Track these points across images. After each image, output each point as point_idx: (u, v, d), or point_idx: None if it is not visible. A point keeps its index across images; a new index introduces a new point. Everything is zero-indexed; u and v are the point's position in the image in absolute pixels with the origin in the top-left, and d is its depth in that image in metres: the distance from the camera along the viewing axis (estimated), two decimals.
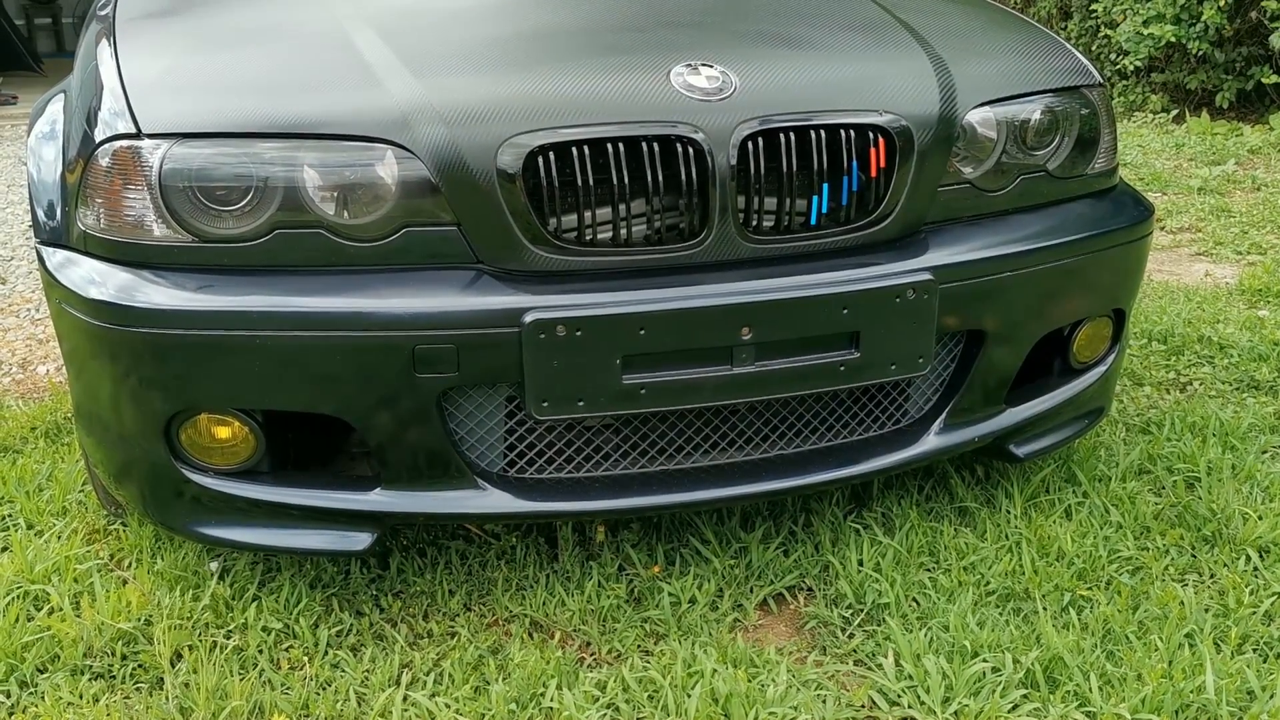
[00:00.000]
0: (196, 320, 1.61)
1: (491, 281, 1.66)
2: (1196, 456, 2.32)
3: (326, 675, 1.74)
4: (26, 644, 1.78)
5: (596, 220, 1.67)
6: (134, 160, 1.63)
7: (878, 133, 1.76)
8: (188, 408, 1.68)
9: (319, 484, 1.77)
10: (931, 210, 1.86)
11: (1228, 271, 3.82)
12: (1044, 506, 2.17)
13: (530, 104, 1.66)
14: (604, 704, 1.66)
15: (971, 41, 2.07)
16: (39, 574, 1.95)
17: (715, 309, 1.67)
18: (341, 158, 1.64)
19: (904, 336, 1.77)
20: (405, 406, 1.66)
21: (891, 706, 1.67)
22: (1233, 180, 5.10)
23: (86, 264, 1.70)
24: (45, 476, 2.34)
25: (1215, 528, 2.08)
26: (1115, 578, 1.94)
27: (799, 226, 1.76)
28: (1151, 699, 1.63)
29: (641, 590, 1.93)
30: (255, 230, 1.63)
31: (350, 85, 1.71)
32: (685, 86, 1.71)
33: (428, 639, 1.83)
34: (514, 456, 1.78)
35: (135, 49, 1.83)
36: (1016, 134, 1.93)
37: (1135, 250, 2.07)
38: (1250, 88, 6.49)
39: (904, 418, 1.96)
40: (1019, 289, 1.90)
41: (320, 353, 1.62)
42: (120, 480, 1.84)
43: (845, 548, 2.01)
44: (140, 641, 1.80)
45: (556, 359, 1.63)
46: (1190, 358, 2.93)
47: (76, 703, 1.68)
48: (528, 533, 2.08)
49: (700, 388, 1.70)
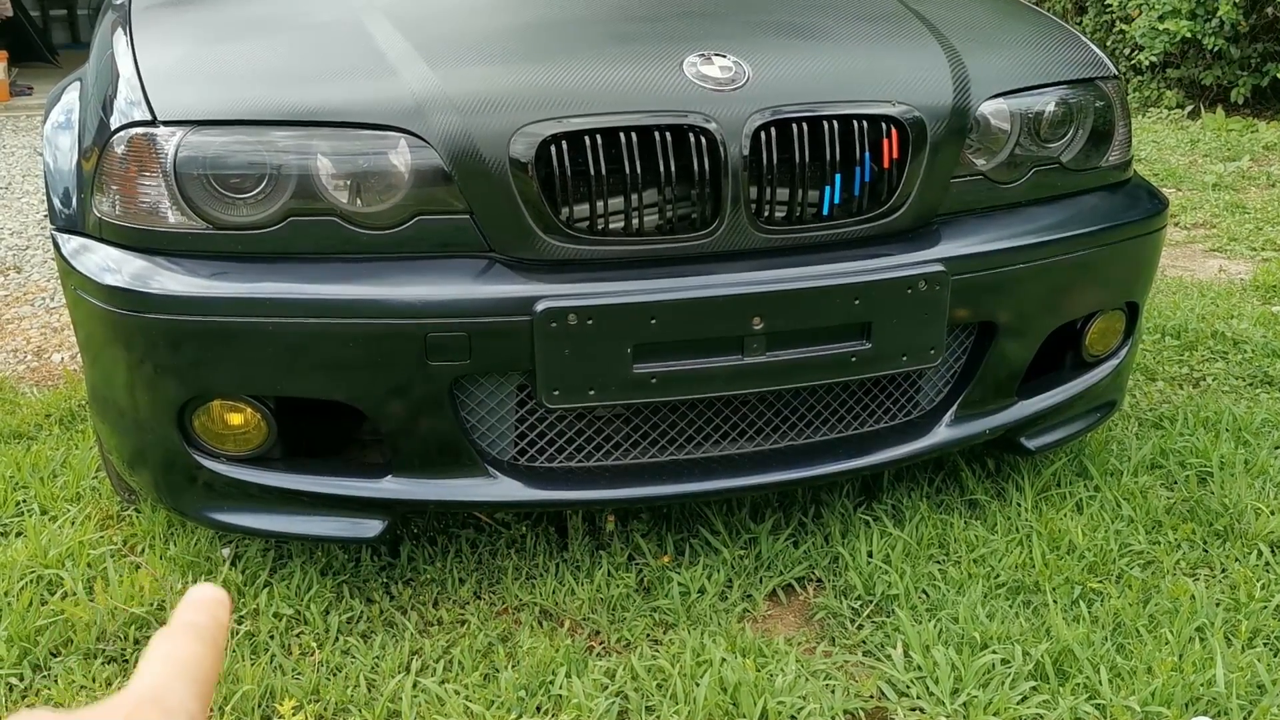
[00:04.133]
0: (210, 307, 1.61)
1: (503, 270, 1.66)
2: (1209, 451, 2.31)
3: (337, 661, 1.75)
4: (40, 628, 1.80)
5: (608, 209, 1.68)
6: (149, 148, 1.64)
7: (891, 123, 1.76)
8: (201, 394, 1.69)
9: (330, 471, 1.78)
10: (944, 202, 1.86)
11: (1242, 267, 3.80)
12: (1055, 500, 2.16)
13: (543, 93, 1.67)
14: (613, 692, 1.67)
15: (985, 33, 2.06)
16: (53, 559, 1.97)
17: (726, 299, 1.67)
18: (355, 146, 1.64)
19: (916, 328, 1.77)
20: (417, 394, 1.67)
21: (900, 697, 1.67)
22: (1247, 176, 5.07)
23: (101, 251, 1.71)
24: (59, 463, 2.35)
25: (1227, 522, 2.07)
26: (1126, 571, 1.94)
27: (811, 217, 1.76)
28: (1161, 692, 1.63)
29: (651, 580, 1.93)
30: (269, 218, 1.64)
31: (364, 74, 1.71)
32: (698, 76, 1.71)
33: (438, 626, 1.84)
34: (525, 445, 1.79)
35: (151, 38, 1.84)
36: (1030, 126, 1.92)
37: (1149, 243, 2.06)
38: (1266, 84, 6.45)
39: (915, 409, 1.96)
40: (1031, 281, 1.90)
41: (332, 340, 1.63)
42: (134, 466, 1.85)
43: (855, 539, 2.01)
44: (152, 626, 1.82)
45: (568, 348, 1.63)
46: (1204, 353, 2.92)
47: (89, 686, 1.69)
48: (538, 522, 2.08)
49: (711, 378, 1.71)
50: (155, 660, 0.42)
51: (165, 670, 0.42)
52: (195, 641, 0.43)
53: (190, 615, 0.45)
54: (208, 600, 0.46)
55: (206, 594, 0.46)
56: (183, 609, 0.45)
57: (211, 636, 0.44)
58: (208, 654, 0.43)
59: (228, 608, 0.46)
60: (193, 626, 0.44)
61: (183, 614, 0.45)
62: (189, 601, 0.46)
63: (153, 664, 0.42)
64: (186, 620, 0.45)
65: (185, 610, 0.45)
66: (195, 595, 0.46)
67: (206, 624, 0.45)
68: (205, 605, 0.46)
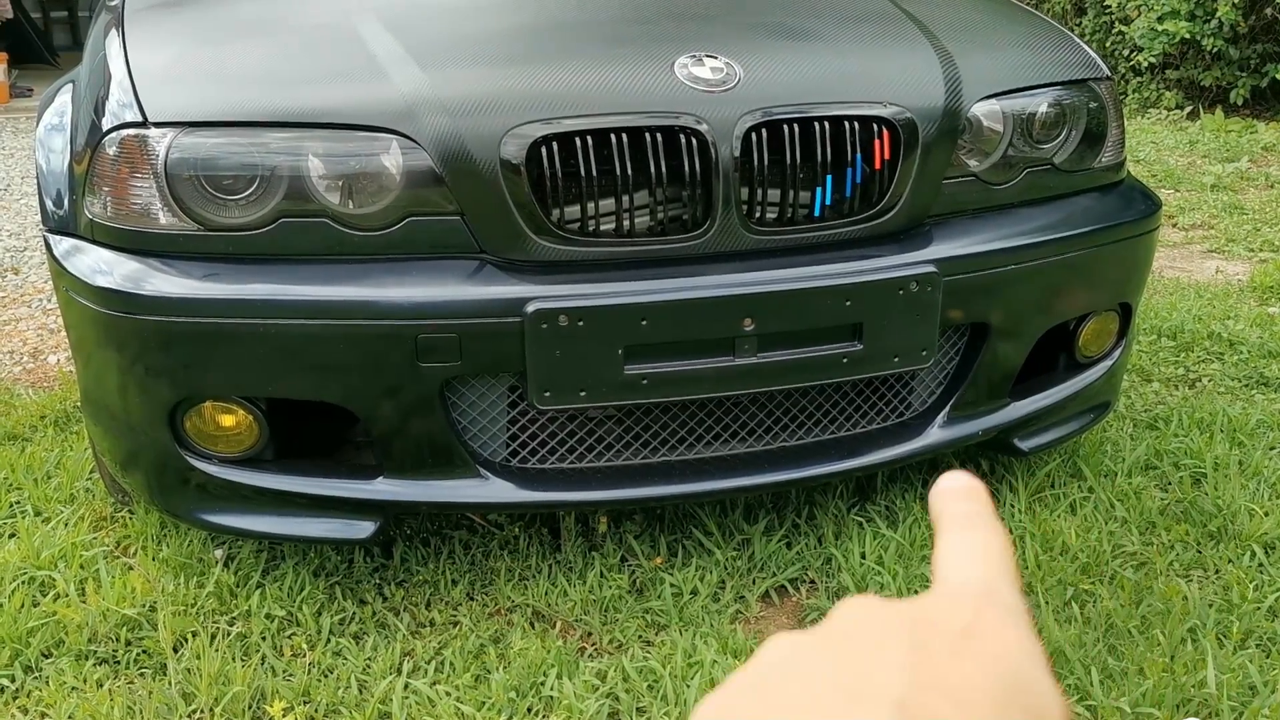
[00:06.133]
0: (201, 308, 1.61)
1: (494, 271, 1.66)
2: (1203, 452, 2.31)
3: (328, 663, 1.75)
4: (32, 629, 1.80)
5: (599, 211, 1.68)
6: (141, 149, 1.64)
7: (882, 125, 1.76)
8: (193, 395, 1.69)
9: (323, 472, 1.78)
10: (936, 203, 1.85)
11: (1239, 268, 3.80)
12: (1048, 501, 2.16)
13: (534, 95, 1.67)
14: (604, 693, 1.67)
15: (978, 34, 2.06)
16: (45, 560, 1.97)
17: (717, 300, 1.67)
18: (347, 148, 1.65)
19: (907, 329, 1.77)
20: (408, 395, 1.67)
21: None
22: (1246, 177, 5.07)
23: (93, 252, 1.71)
24: (53, 464, 2.35)
25: (1221, 523, 2.07)
26: (1119, 572, 1.94)
27: (802, 218, 1.76)
28: (1152, 693, 1.63)
29: (643, 581, 1.93)
30: (260, 219, 1.64)
31: (356, 76, 1.71)
32: (689, 78, 1.71)
33: (430, 628, 1.84)
34: (516, 446, 1.79)
35: (143, 40, 1.84)
36: (1023, 127, 1.92)
37: (1142, 244, 2.06)
38: (1265, 85, 6.45)
39: (908, 410, 1.96)
40: (1024, 282, 1.90)
41: (323, 341, 1.63)
42: (126, 468, 1.86)
43: (848, 540, 2.01)
44: (144, 627, 1.82)
45: (559, 349, 1.63)
46: (1199, 354, 2.92)
47: (80, 687, 1.69)
48: (530, 523, 2.08)
49: (702, 379, 1.71)
50: (962, 554, 0.38)
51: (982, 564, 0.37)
52: (985, 531, 0.39)
53: (958, 507, 0.40)
54: (966, 489, 0.41)
55: (960, 482, 0.42)
56: (946, 500, 0.41)
57: (994, 524, 0.40)
58: (1003, 541, 0.39)
59: (986, 492, 0.42)
60: (969, 517, 0.40)
61: (949, 506, 0.40)
62: (947, 491, 0.41)
63: (960, 557, 0.38)
64: (959, 512, 0.40)
65: (949, 502, 0.41)
66: (949, 485, 0.42)
67: (982, 511, 0.40)
68: (966, 494, 0.41)
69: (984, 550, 0.38)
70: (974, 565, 0.37)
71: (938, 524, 0.40)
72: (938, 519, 0.41)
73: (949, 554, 0.38)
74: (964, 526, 0.39)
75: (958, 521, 0.40)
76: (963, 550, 0.38)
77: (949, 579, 0.37)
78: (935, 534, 0.40)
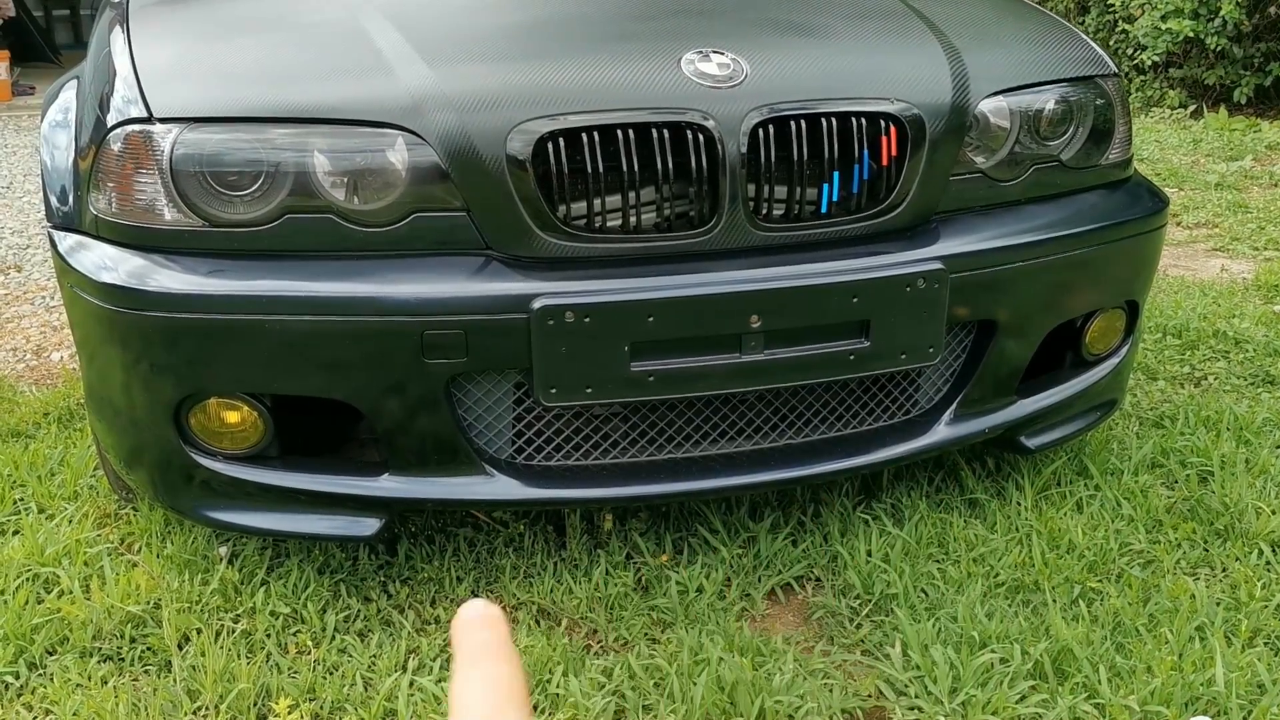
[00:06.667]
0: (206, 304, 1.61)
1: (500, 268, 1.66)
2: (1210, 451, 2.30)
3: (333, 660, 1.74)
4: (36, 626, 1.79)
5: (606, 207, 1.67)
6: (146, 145, 1.63)
7: (889, 121, 1.75)
8: (197, 392, 1.69)
9: (327, 469, 1.77)
10: (943, 200, 1.85)
11: (1244, 267, 3.79)
12: (1055, 499, 2.16)
13: (540, 91, 1.66)
14: (610, 691, 1.66)
15: (985, 30, 2.05)
16: (49, 557, 1.97)
17: (724, 296, 1.66)
18: (352, 143, 1.64)
19: (914, 326, 1.76)
20: (414, 392, 1.66)
21: (899, 696, 1.66)
22: (1250, 176, 5.06)
23: (98, 248, 1.70)
24: (57, 461, 2.35)
25: (1228, 522, 2.06)
26: (1126, 570, 1.93)
27: (809, 215, 1.76)
28: (1160, 691, 1.62)
29: (649, 579, 1.93)
30: (265, 215, 1.64)
31: (362, 72, 1.71)
32: (696, 74, 1.71)
33: (435, 625, 1.83)
34: (522, 443, 1.78)
35: (148, 35, 1.84)
36: (1030, 124, 1.92)
37: (1149, 242, 2.05)
38: (1268, 83, 6.44)
39: (914, 408, 1.96)
40: (1031, 280, 1.89)
41: (329, 338, 1.62)
42: (131, 465, 1.85)
43: (854, 538, 2.01)
44: (149, 625, 1.81)
45: (565, 346, 1.63)
46: (1205, 352, 2.91)
47: (85, 684, 1.69)
48: (536, 520, 2.08)
49: (709, 375, 1.70)
50: (474, 690, 0.41)
51: (490, 699, 0.41)
52: (499, 662, 0.42)
53: (476, 637, 0.43)
54: (483, 618, 0.44)
55: (479, 611, 0.45)
56: (465, 632, 0.44)
57: (509, 653, 0.43)
58: (515, 672, 0.42)
59: (504, 620, 0.45)
60: (486, 647, 0.43)
61: (468, 637, 0.44)
62: (467, 623, 0.44)
63: (473, 694, 0.41)
64: (477, 643, 0.43)
65: (467, 633, 0.44)
66: (469, 615, 0.45)
67: (496, 641, 0.43)
68: (484, 623, 0.44)
69: (494, 683, 0.42)
70: (486, 700, 0.41)
71: (456, 656, 0.44)
72: (456, 651, 0.44)
73: (463, 690, 0.42)
74: (479, 659, 0.43)
75: (474, 654, 0.43)
76: (475, 685, 0.42)
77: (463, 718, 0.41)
78: (453, 666, 0.43)
